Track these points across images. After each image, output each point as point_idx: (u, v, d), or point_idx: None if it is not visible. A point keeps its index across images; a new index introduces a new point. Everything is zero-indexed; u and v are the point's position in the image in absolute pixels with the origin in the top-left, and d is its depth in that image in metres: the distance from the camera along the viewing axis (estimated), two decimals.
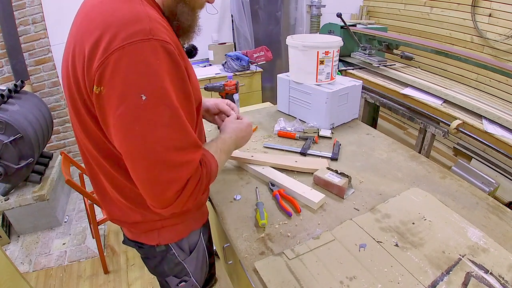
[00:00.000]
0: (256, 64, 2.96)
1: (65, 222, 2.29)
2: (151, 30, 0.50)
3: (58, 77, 2.66)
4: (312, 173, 1.10)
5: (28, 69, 2.53)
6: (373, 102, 2.14)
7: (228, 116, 0.97)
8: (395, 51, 2.40)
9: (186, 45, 0.72)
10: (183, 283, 0.93)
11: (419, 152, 1.74)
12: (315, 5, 3.35)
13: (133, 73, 0.50)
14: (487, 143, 1.57)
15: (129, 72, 0.50)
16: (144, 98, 0.50)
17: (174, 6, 0.62)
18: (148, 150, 0.53)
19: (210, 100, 1.02)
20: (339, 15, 2.36)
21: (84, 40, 0.53)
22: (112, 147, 0.62)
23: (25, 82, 2.24)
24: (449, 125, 1.64)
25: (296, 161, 1.17)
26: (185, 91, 0.57)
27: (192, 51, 0.78)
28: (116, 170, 0.67)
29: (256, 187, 1.06)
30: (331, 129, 1.45)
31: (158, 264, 0.87)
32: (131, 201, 0.73)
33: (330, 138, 1.38)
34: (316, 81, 1.43)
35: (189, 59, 0.80)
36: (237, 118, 0.93)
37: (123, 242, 0.90)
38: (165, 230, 0.81)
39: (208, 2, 0.69)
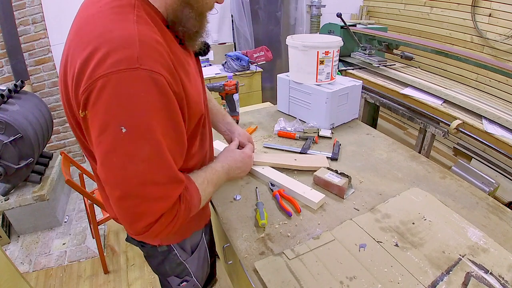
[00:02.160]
0: (256, 64, 2.96)
1: (65, 222, 2.29)
2: (138, 59, 0.47)
3: (58, 77, 2.65)
4: (312, 171, 1.10)
5: (28, 69, 2.53)
6: (373, 102, 2.14)
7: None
8: (395, 51, 2.40)
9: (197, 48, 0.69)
10: (185, 283, 0.93)
11: (419, 152, 1.74)
12: (315, 5, 3.35)
13: (115, 104, 0.48)
14: (487, 143, 1.57)
15: (111, 103, 0.48)
16: (124, 130, 0.48)
17: (180, 11, 0.59)
18: (123, 182, 0.52)
19: (241, 134, 1.01)
20: (339, 15, 2.36)
21: (75, 57, 0.51)
22: None
23: (25, 82, 2.24)
24: (449, 125, 1.64)
25: (295, 159, 1.17)
26: (174, 121, 0.55)
27: (204, 50, 0.74)
28: None
29: (256, 187, 1.06)
30: (331, 129, 1.45)
31: (160, 263, 0.87)
32: None
33: (330, 138, 1.38)
34: (316, 81, 1.43)
35: (201, 57, 0.78)
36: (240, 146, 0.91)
37: (126, 239, 0.90)
38: None
39: (217, 3, 0.65)
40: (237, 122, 1.51)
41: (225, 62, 2.93)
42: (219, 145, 1.31)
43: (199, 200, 0.66)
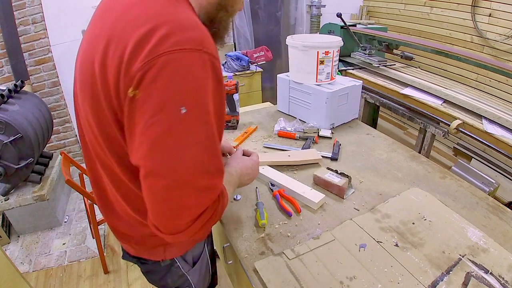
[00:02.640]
0: (256, 64, 2.96)
1: (65, 222, 2.29)
2: (202, 41, 0.47)
3: (58, 77, 2.65)
4: (307, 165, 1.14)
5: (28, 69, 2.53)
6: (373, 102, 2.14)
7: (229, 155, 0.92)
8: (395, 51, 2.40)
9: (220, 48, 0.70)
10: None
11: (419, 152, 1.74)
12: (315, 5, 3.34)
13: (177, 83, 0.45)
14: (487, 143, 1.57)
15: (174, 81, 0.45)
16: (183, 111, 0.45)
17: (214, 14, 0.59)
18: (175, 168, 0.48)
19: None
20: (339, 15, 2.36)
21: (126, 36, 0.47)
22: None
23: (25, 82, 2.24)
24: (449, 125, 1.64)
25: (289, 156, 1.18)
26: (222, 110, 0.54)
27: None
28: (133, 182, 0.62)
29: (256, 187, 1.06)
30: (331, 129, 1.45)
31: (162, 278, 0.83)
32: (144, 215, 0.64)
33: (330, 138, 1.38)
34: (316, 81, 1.43)
35: None
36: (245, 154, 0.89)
37: (123, 257, 0.85)
38: (171, 245, 0.77)
39: (239, 10, 0.66)
40: (237, 122, 1.51)
41: (225, 62, 2.93)
42: None
43: (227, 200, 0.63)
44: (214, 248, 1.08)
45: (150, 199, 0.51)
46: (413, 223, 0.88)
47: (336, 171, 1.05)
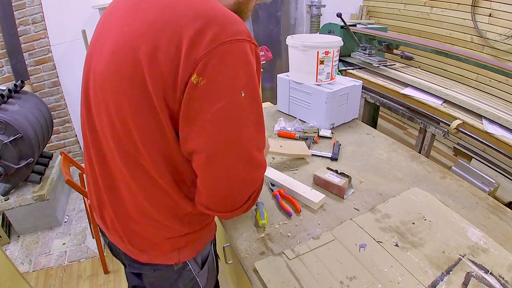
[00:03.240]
0: None
1: (65, 222, 2.29)
2: (249, 33, 0.52)
3: (58, 77, 2.65)
4: (297, 159, 1.16)
5: (28, 69, 2.53)
6: (373, 102, 2.14)
7: None
8: (395, 51, 2.40)
9: None
10: None
11: (419, 152, 1.74)
12: (315, 5, 3.34)
13: (238, 69, 0.50)
14: (487, 143, 1.56)
15: (236, 68, 0.50)
16: (243, 94, 0.51)
17: (237, 6, 0.62)
18: (239, 147, 0.53)
19: None
20: (339, 15, 2.36)
21: (181, 28, 0.50)
22: (176, 153, 0.58)
23: (25, 82, 2.24)
24: (449, 125, 1.64)
25: (280, 146, 1.20)
26: (259, 93, 0.58)
27: None
28: (165, 178, 0.61)
29: None
30: (331, 129, 1.45)
31: (173, 283, 0.80)
32: (165, 213, 0.67)
33: (330, 138, 1.38)
34: (316, 81, 1.43)
35: None
36: None
37: (128, 271, 0.82)
38: (185, 248, 0.76)
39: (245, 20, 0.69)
40: None
41: None
42: None
43: None
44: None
45: (210, 181, 0.55)
46: (413, 223, 0.88)
47: (336, 171, 1.05)
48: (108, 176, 0.68)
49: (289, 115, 1.62)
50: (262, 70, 2.98)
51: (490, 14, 2.39)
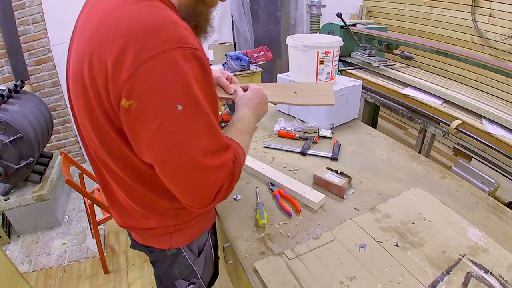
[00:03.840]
0: (256, 64, 2.96)
1: (65, 222, 2.29)
2: (181, 37, 0.49)
3: (58, 77, 2.65)
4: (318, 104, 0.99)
5: (28, 69, 2.53)
6: (373, 102, 2.14)
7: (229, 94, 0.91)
8: (395, 51, 2.40)
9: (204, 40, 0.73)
10: (192, 285, 0.90)
11: (419, 152, 1.74)
12: (315, 5, 3.34)
13: (167, 84, 0.48)
14: (487, 143, 1.56)
15: (163, 83, 0.48)
16: (180, 108, 0.49)
17: (193, 7, 0.61)
18: (190, 159, 0.53)
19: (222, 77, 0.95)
20: (339, 15, 2.36)
21: (105, 50, 0.49)
22: (137, 160, 0.60)
23: (25, 82, 2.24)
24: (449, 125, 1.64)
25: (295, 92, 0.99)
26: (213, 95, 0.57)
27: None
28: (135, 182, 0.65)
29: (256, 187, 1.06)
30: (331, 129, 1.45)
31: (169, 267, 0.85)
32: (149, 209, 0.72)
33: (330, 138, 1.38)
34: (316, 81, 1.43)
35: None
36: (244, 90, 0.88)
37: (131, 246, 0.88)
38: (178, 234, 0.80)
39: (221, 0, 0.68)
40: None
41: (225, 62, 2.93)
42: None
43: (243, 153, 0.68)
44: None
45: (176, 187, 0.57)
46: (413, 223, 0.88)
47: (336, 171, 1.05)
48: (98, 172, 0.73)
49: (289, 115, 1.62)
50: (262, 70, 2.99)
51: (490, 14, 2.39)
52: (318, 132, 1.38)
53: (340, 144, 1.31)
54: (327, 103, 0.97)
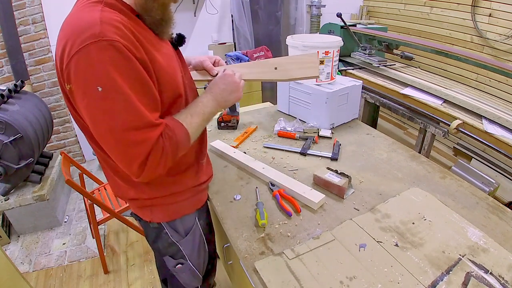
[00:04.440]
0: None
1: (65, 222, 2.29)
2: (100, 33, 0.59)
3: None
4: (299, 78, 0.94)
5: (28, 69, 2.53)
6: (373, 102, 2.14)
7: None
8: (395, 51, 2.40)
9: (174, 36, 0.84)
10: (180, 265, 0.98)
11: (419, 152, 1.74)
12: (315, 5, 3.35)
13: (88, 71, 0.60)
14: (487, 143, 1.57)
15: (86, 70, 0.60)
16: (100, 89, 0.60)
17: (144, 3, 0.70)
18: (111, 132, 0.63)
19: (196, 58, 0.99)
20: (339, 15, 2.36)
21: (58, 45, 0.64)
22: None
23: (25, 82, 2.24)
24: (449, 125, 1.64)
25: (275, 68, 0.95)
26: (140, 78, 0.64)
27: (179, 42, 0.86)
28: (104, 152, 0.76)
29: (256, 187, 1.06)
30: (331, 129, 1.45)
31: (154, 241, 0.95)
32: (124, 179, 0.83)
33: (330, 138, 1.38)
34: (316, 81, 1.43)
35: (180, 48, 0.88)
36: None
37: (131, 214, 0.99)
38: (156, 209, 0.89)
39: (174, 2, 0.76)
40: (237, 122, 1.51)
41: (225, 62, 2.93)
42: (218, 144, 1.31)
43: (185, 133, 0.74)
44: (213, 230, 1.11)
45: (110, 155, 0.68)
46: (413, 223, 0.88)
47: (336, 171, 1.05)
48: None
49: (289, 115, 1.62)
50: None
51: (490, 14, 2.39)
52: (318, 132, 1.38)
53: (340, 144, 1.31)
54: (311, 75, 0.92)
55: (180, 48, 0.88)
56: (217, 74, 0.93)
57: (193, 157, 0.91)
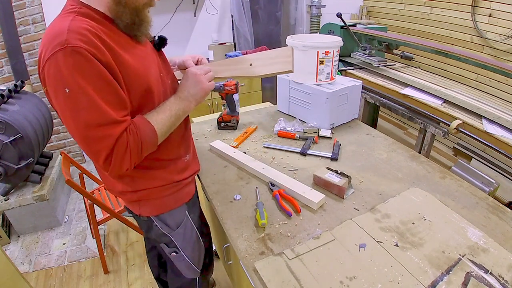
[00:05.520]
0: None
1: (65, 222, 2.29)
2: (66, 40, 0.65)
3: None
4: (273, 74, 0.93)
5: (28, 69, 2.53)
6: (373, 102, 2.14)
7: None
8: (395, 51, 2.40)
9: (156, 37, 0.89)
10: (174, 253, 1.05)
11: (419, 152, 1.74)
12: (315, 5, 3.35)
13: (57, 75, 0.66)
14: (487, 143, 1.57)
15: (55, 74, 0.66)
16: (67, 91, 0.66)
17: (115, 9, 0.75)
18: (76, 129, 0.69)
19: (180, 57, 1.03)
20: (339, 15, 2.36)
21: (39, 52, 0.71)
22: None
23: (25, 82, 2.24)
24: (449, 125, 1.64)
25: (250, 64, 0.94)
26: (104, 79, 0.69)
27: (159, 44, 0.90)
28: None
29: (256, 187, 1.06)
30: (331, 129, 1.45)
31: (147, 231, 1.03)
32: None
33: (330, 138, 1.38)
34: (316, 81, 1.43)
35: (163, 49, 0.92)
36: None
37: (125, 207, 1.04)
38: (143, 204, 0.95)
39: (150, 6, 0.80)
40: (237, 122, 1.51)
41: None
42: (218, 144, 1.31)
43: (151, 129, 0.78)
44: (208, 227, 1.16)
45: (82, 149, 0.76)
46: (413, 223, 0.88)
47: (336, 171, 1.05)
48: None
49: (289, 115, 1.62)
50: None
51: (490, 14, 2.39)
52: (318, 132, 1.38)
53: (340, 144, 1.31)
54: (285, 70, 0.90)
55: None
56: None
57: (174, 154, 0.94)
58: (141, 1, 0.77)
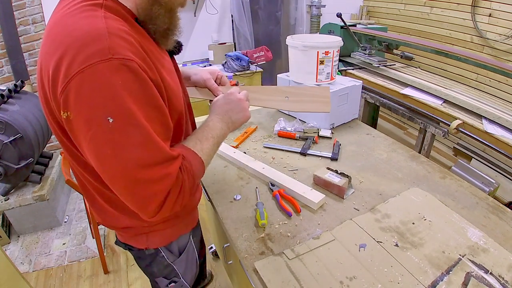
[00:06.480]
0: (256, 64, 2.96)
1: (65, 222, 2.29)
2: (110, 49, 0.48)
3: None
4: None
5: (28, 69, 2.53)
6: (373, 102, 2.14)
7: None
8: (395, 51, 2.40)
9: (170, 46, 0.70)
10: (173, 284, 0.93)
11: (419, 152, 1.74)
12: (315, 5, 3.35)
13: (96, 97, 0.48)
14: (487, 143, 1.57)
15: (92, 96, 0.48)
16: (111, 121, 0.49)
17: (149, 9, 0.59)
18: (122, 171, 0.52)
19: (198, 73, 0.92)
20: (339, 15, 2.36)
21: (48, 61, 0.51)
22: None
23: (25, 82, 2.24)
24: (449, 125, 1.64)
25: (286, 98, 0.92)
26: (156, 105, 0.55)
27: (178, 49, 0.76)
28: (100, 184, 0.67)
29: (256, 187, 1.06)
30: (331, 129, 1.45)
31: (148, 265, 0.88)
32: (119, 209, 0.73)
33: (330, 138, 1.38)
34: (316, 81, 1.43)
35: (176, 56, 0.78)
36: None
37: (115, 242, 0.89)
38: (153, 235, 0.81)
39: (181, 6, 0.66)
40: None
41: (225, 62, 2.93)
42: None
43: (200, 162, 0.65)
44: (203, 239, 1.09)
45: (119, 195, 0.57)
46: (413, 223, 0.88)
47: (336, 171, 1.05)
48: (74, 174, 0.75)
49: (289, 115, 1.62)
50: (262, 70, 2.99)
51: (490, 14, 2.39)
52: (318, 132, 1.38)
53: (340, 144, 1.31)
54: (322, 111, 0.90)
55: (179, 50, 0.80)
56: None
57: None
58: (180, 1, 0.63)
